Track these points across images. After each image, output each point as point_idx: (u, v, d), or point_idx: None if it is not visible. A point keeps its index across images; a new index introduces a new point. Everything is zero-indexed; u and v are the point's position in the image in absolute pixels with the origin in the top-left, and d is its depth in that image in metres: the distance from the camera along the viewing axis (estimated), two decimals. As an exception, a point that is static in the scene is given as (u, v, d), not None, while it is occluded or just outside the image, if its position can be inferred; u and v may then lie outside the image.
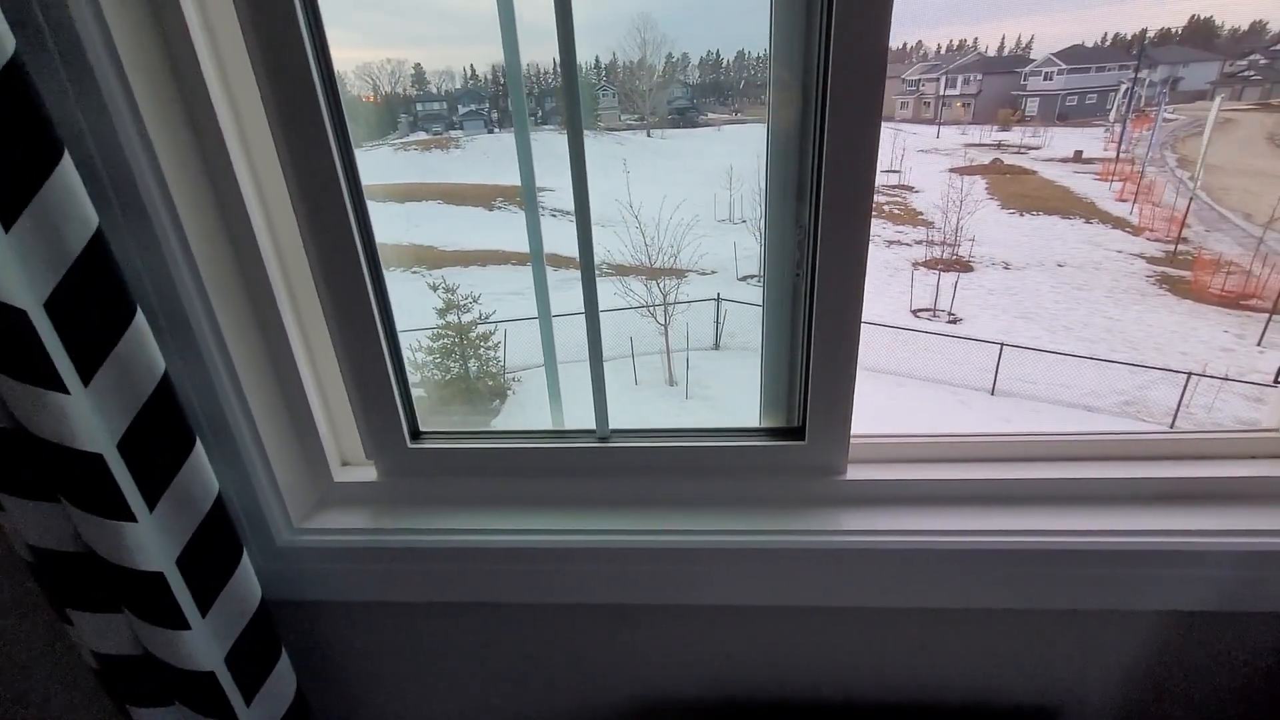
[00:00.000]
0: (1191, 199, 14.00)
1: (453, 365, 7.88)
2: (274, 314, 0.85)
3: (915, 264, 11.87)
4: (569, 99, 0.72)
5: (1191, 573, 0.83)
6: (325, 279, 0.86)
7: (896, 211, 16.00)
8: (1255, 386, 7.39)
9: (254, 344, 0.86)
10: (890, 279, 11.47)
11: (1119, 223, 14.00)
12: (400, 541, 0.93)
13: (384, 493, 1.00)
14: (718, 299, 8.90)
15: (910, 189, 18.04)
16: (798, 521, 0.89)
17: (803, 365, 0.86)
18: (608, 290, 8.42)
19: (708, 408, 7.58)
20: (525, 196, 0.87)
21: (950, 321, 9.83)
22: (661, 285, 8.18)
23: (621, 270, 9.37)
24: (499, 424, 7.47)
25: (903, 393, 7.87)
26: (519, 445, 0.98)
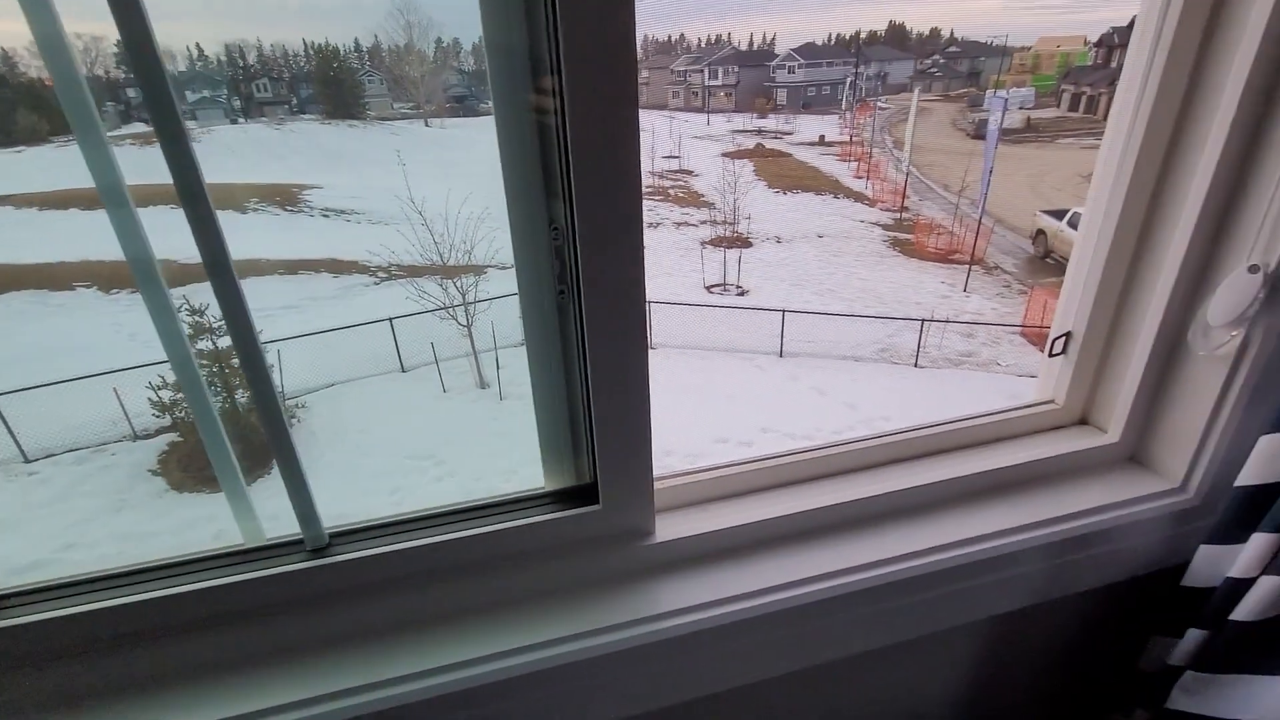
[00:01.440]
0: (907, 174, 16.92)
1: (215, 399, 6.65)
2: None
3: (703, 243, 12.71)
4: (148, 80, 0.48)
5: (1013, 572, 0.81)
6: None
7: (681, 195, 17.03)
8: (967, 325, 9.19)
9: None
10: (683, 258, 12.13)
11: (859, 196, 16.44)
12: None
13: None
14: (520, 293, 8.63)
15: (690, 173, 19.33)
16: (605, 611, 0.70)
17: (584, 408, 0.69)
18: (398, 295, 7.72)
19: (524, 408, 7.34)
20: (105, 197, 0.54)
21: (739, 294, 10.70)
22: (459, 284, 7.69)
23: (413, 271, 8.67)
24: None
25: (708, 365, 8.40)
26: (137, 597, 0.62)
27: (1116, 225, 0.82)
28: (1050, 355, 0.95)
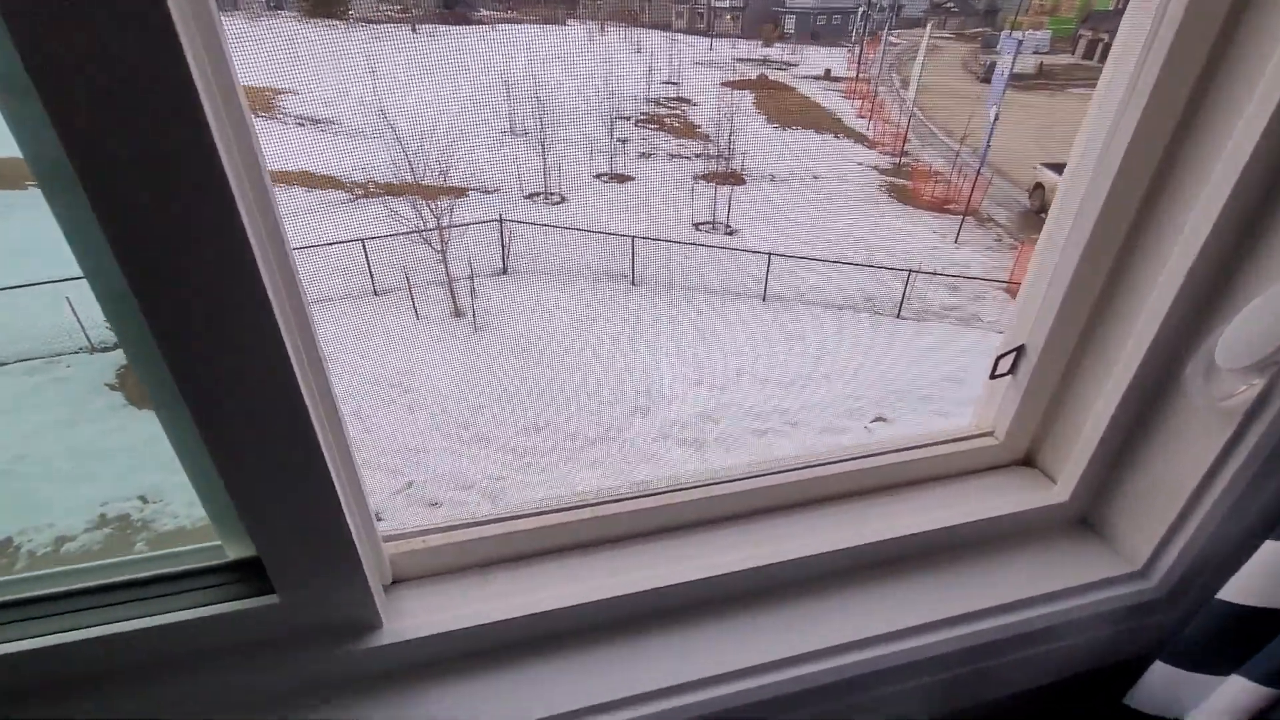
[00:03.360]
0: (910, 117, 16.29)
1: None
2: None
3: (696, 178, 12.27)
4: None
5: (911, 685, 0.60)
6: None
7: (677, 125, 16.32)
8: (953, 278, 9.08)
9: None
10: (673, 192, 11.78)
11: (859, 138, 15.87)
12: None
13: None
14: (500, 220, 8.36)
15: (688, 101, 18.44)
16: None
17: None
18: (367, 215, 7.41)
19: (500, 339, 7.24)
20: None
21: (728, 233, 10.44)
22: (434, 206, 7.40)
23: (391, 190, 8.26)
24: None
25: (688, 305, 8.23)
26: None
27: (1102, 208, 0.59)
28: (994, 376, 0.73)
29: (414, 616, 0.55)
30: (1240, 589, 0.54)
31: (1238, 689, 0.53)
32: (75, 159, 0.33)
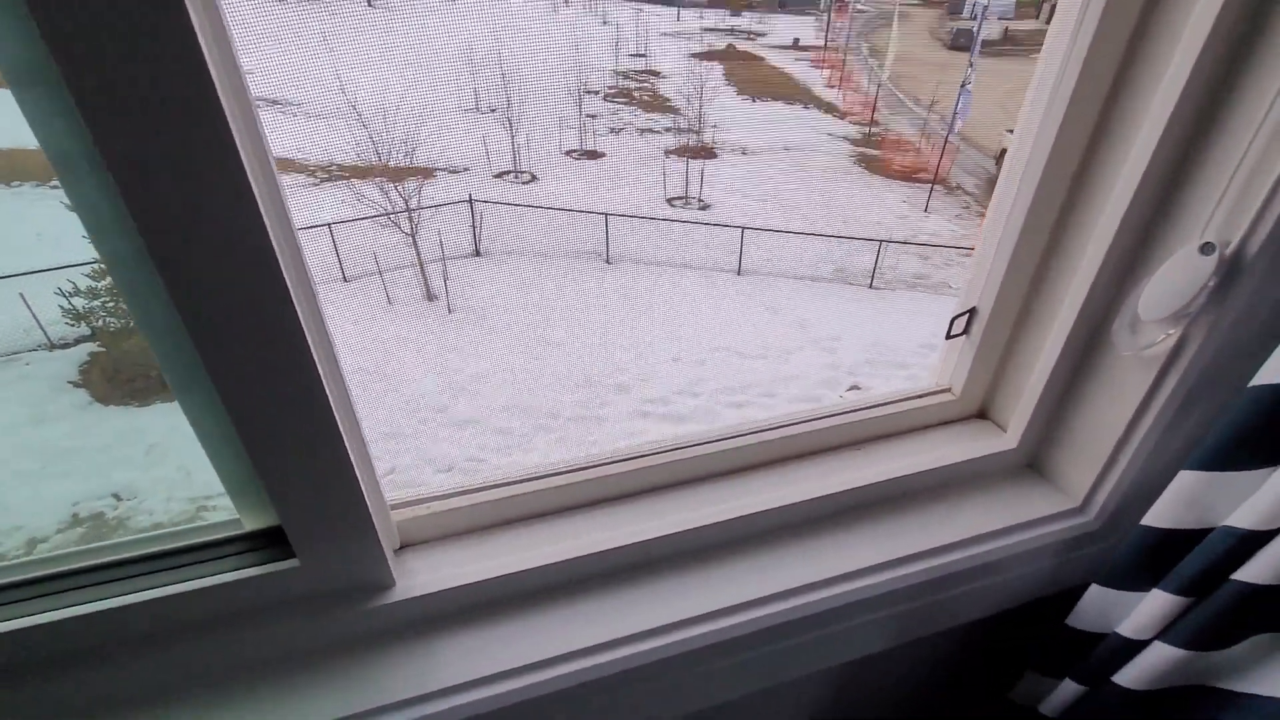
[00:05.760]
0: (879, 86, 16.32)
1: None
2: None
3: (667, 152, 12.18)
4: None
5: (878, 615, 0.67)
6: None
7: (647, 99, 16.12)
8: (922, 246, 9.22)
9: None
10: (644, 168, 11.67)
11: (829, 108, 15.86)
12: None
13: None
14: (470, 200, 8.23)
15: (657, 74, 18.21)
16: (319, 701, 0.52)
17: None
18: (332, 198, 7.24)
19: (474, 321, 7.19)
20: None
21: (701, 209, 10.41)
22: (402, 189, 7.27)
23: (357, 172, 8.07)
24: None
25: (664, 282, 8.26)
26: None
27: (1041, 176, 0.64)
28: (949, 336, 0.79)
29: (421, 575, 0.60)
30: (1158, 514, 0.61)
31: (1159, 601, 0.60)
32: (102, 150, 0.35)
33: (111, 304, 5.63)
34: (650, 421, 6.00)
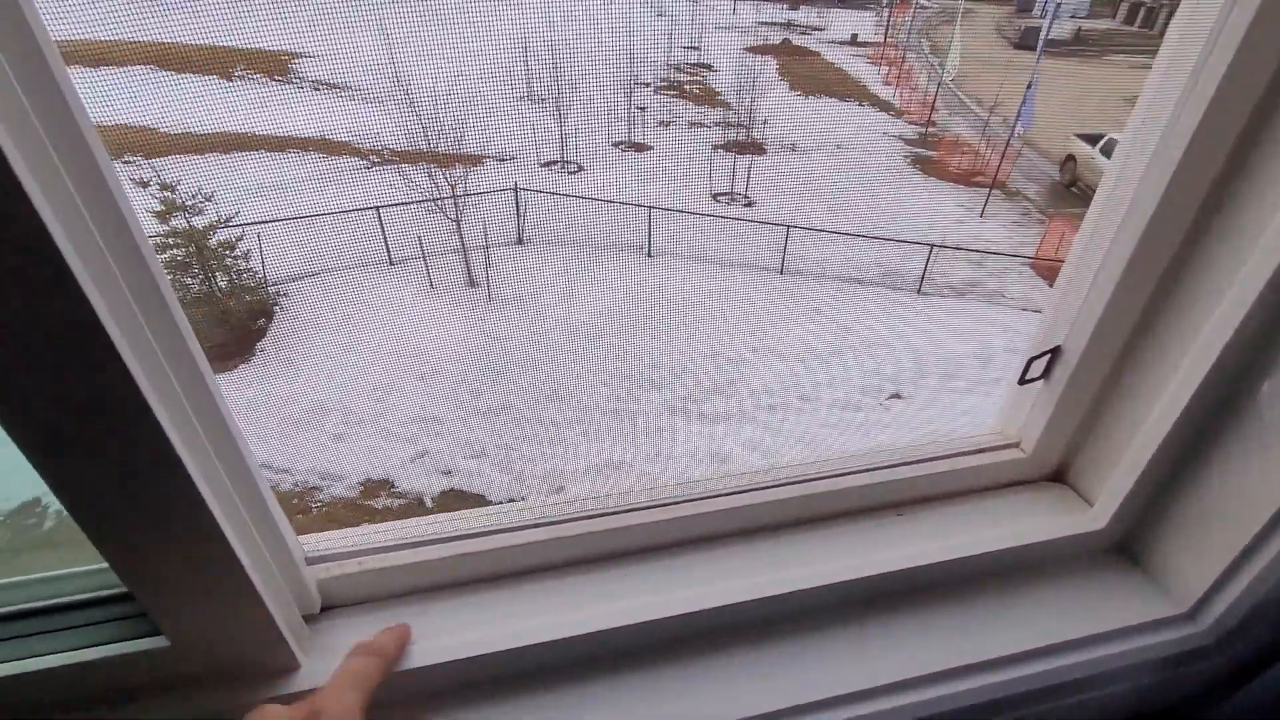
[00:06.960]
0: (940, 84, 15.69)
1: (191, 281, 6.55)
2: None
3: (715, 146, 12.02)
4: None
5: None
6: None
7: (698, 92, 15.90)
8: (976, 253, 8.83)
9: None
10: (691, 162, 11.58)
11: (885, 106, 15.36)
12: None
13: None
14: (515, 189, 8.25)
15: (709, 68, 17.94)
16: None
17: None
18: (383, 182, 7.36)
19: (515, 309, 7.21)
20: None
21: (746, 205, 10.27)
22: (449, 175, 7.33)
23: (406, 158, 8.15)
24: (268, 348, 6.43)
25: (705, 277, 8.11)
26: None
27: (1162, 197, 0.49)
28: (1024, 380, 0.62)
29: (341, 653, 0.47)
30: None
31: None
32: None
33: (172, 277, 5.88)
34: (683, 420, 5.90)
